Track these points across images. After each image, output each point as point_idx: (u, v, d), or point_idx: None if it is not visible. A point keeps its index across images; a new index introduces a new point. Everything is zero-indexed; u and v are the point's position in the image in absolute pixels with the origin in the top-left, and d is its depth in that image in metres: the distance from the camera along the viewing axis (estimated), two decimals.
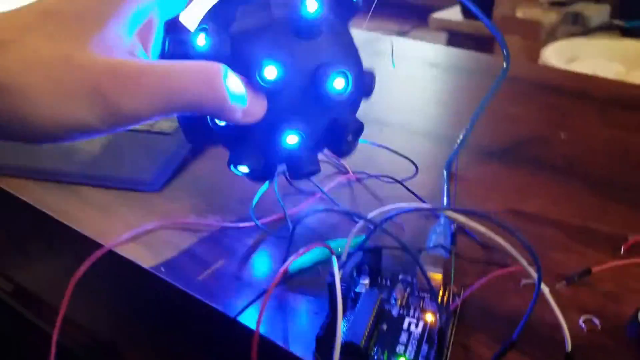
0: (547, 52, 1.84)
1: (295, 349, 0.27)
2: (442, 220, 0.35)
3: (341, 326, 0.24)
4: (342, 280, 0.29)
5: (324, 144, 0.31)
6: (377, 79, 0.34)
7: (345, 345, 0.26)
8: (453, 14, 2.92)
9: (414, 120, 0.54)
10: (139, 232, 0.35)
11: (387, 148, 0.45)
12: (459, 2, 0.51)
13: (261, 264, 0.34)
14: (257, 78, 0.27)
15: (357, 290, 0.30)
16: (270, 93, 0.28)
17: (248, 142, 0.30)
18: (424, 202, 0.39)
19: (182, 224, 0.37)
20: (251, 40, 0.29)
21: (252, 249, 0.35)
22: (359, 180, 0.42)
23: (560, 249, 0.36)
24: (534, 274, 0.25)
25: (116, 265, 0.34)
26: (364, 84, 0.32)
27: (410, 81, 0.64)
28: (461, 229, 0.37)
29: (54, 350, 0.30)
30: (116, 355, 0.43)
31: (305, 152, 0.30)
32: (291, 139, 0.29)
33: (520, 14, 2.28)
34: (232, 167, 0.31)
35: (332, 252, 0.27)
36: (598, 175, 0.44)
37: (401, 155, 0.44)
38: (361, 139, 0.33)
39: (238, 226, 0.36)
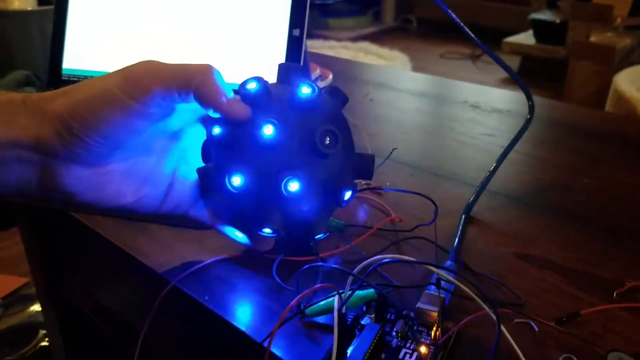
0: (620, 78, 1.81)
1: None
2: (447, 263, 0.40)
3: (336, 353, 0.30)
4: (349, 314, 0.35)
5: (326, 202, 0.38)
6: (417, 120, 0.39)
7: None
8: (526, 38, 2.91)
9: (445, 164, 0.59)
10: (195, 267, 0.42)
11: (410, 192, 0.50)
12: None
13: (289, 297, 0.40)
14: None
15: (363, 322, 0.36)
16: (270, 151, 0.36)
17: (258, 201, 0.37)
18: (438, 245, 0.44)
19: (227, 259, 0.44)
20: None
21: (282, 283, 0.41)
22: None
23: (557, 292, 0.39)
24: (494, 317, 0.30)
25: (176, 295, 0.41)
26: (357, 169, 0.39)
27: (448, 123, 0.69)
28: (469, 269, 0.42)
29: None
30: None
31: (317, 213, 0.37)
32: (292, 186, 0.36)
33: (593, 38, 2.24)
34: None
35: (337, 292, 0.33)
36: (611, 223, 0.47)
37: (425, 196, 0.49)
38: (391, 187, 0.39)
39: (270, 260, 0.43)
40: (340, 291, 0.34)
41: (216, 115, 0.37)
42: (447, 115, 0.72)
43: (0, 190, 0.35)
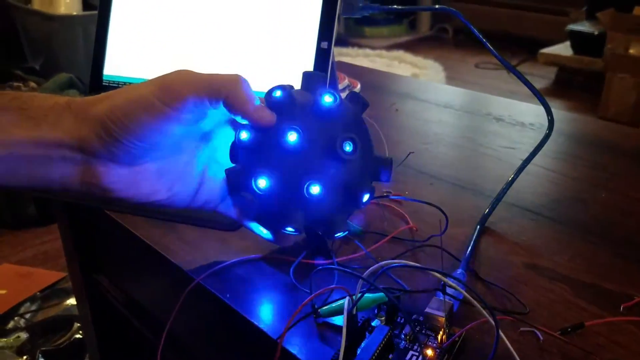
0: None
1: None
2: (458, 271, 0.42)
3: (343, 352, 0.32)
4: (360, 316, 0.37)
5: (345, 204, 0.40)
6: (440, 131, 0.41)
7: None
8: (563, 49, 2.87)
9: (464, 175, 0.60)
10: (218, 266, 0.45)
11: (428, 203, 0.52)
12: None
13: (305, 298, 0.42)
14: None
15: (373, 324, 0.38)
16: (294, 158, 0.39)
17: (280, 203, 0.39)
18: (450, 254, 0.45)
19: (249, 259, 0.46)
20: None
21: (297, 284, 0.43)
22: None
23: (564, 303, 0.41)
24: (492, 322, 0.31)
25: (199, 292, 0.44)
26: (376, 172, 0.41)
27: (470, 135, 0.70)
28: (479, 278, 0.43)
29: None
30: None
31: (336, 214, 0.39)
32: (314, 189, 0.38)
33: (633, 50, 2.21)
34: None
35: (349, 294, 0.35)
36: (622, 237, 0.48)
37: (437, 207, 0.50)
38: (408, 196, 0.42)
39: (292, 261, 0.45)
40: (352, 294, 0.36)
41: (244, 122, 0.40)
42: (470, 127, 0.74)
43: (45, 185, 0.38)
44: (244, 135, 0.40)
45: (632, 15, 2.30)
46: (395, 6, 0.66)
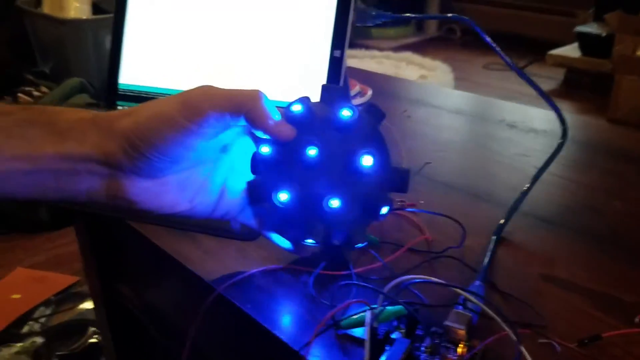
0: None
1: None
2: (476, 283, 0.43)
3: None
4: (380, 328, 0.38)
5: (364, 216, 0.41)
6: (453, 138, 0.42)
7: None
8: (571, 50, 2.87)
9: (478, 184, 0.60)
10: (238, 277, 0.46)
11: (445, 216, 0.52)
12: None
13: (324, 309, 0.43)
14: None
15: (393, 337, 0.38)
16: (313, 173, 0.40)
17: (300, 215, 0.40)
18: (468, 265, 0.46)
19: (268, 270, 0.47)
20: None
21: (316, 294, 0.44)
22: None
23: (581, 314, 0.41)
24: (514, 337, 0.32)
25: (220, 302, 0.45)
26: (393, 183, 0.42)
27: (484, 142, 0.70)
28: (497, 289, 0.44)
29: None
30: None
31: (355, 226, 0.39)
32: (334, 203, 0.39)
33: None
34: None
35: (369, 307, 0.36)
36: (638, 246, 0.49)
37: (454, 220, 0.51)
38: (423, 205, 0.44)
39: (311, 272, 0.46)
40: (373, 306, 0.36)
41: (265, 136, 0.41)
42: (483, 134, 0.74)
43: (72, 198, 0.39)
44: (265, 149, 0.41)
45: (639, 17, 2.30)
46: (407, 14, 0.67)
